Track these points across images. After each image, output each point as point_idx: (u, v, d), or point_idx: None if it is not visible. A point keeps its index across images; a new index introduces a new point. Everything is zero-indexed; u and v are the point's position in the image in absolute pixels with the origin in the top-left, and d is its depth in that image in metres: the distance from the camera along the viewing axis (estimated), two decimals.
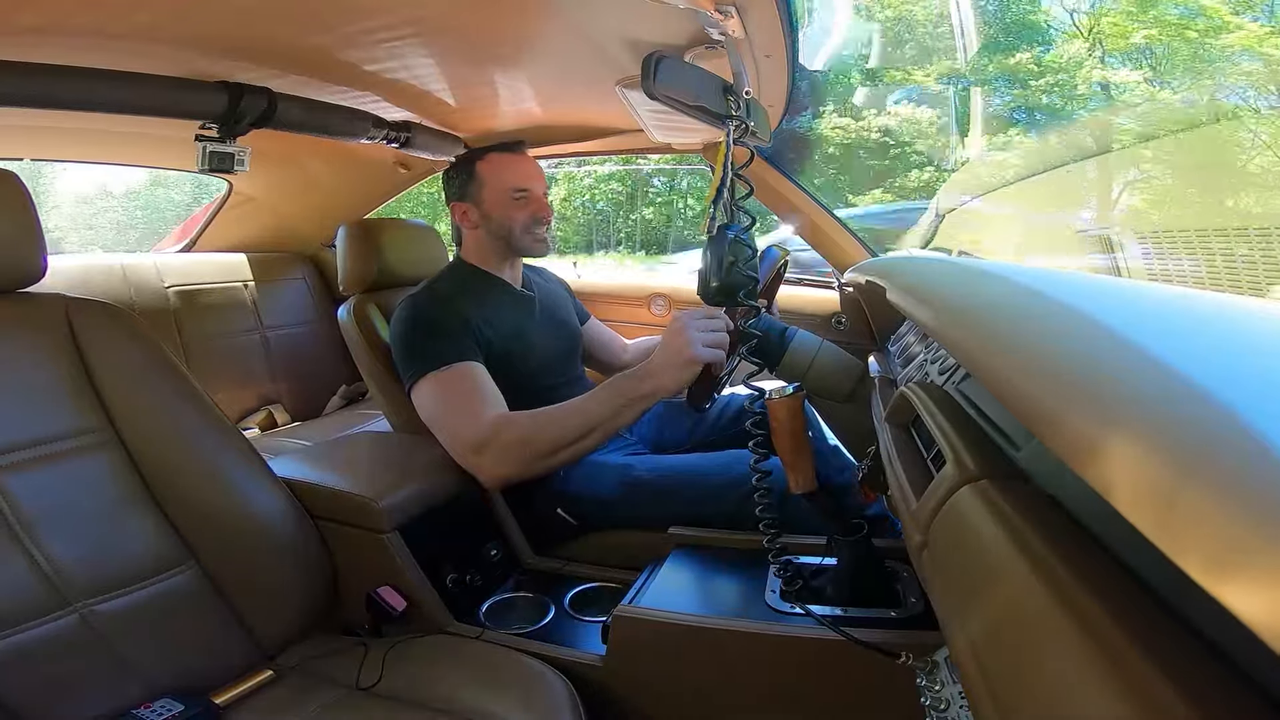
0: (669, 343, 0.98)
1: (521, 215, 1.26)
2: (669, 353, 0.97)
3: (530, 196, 1.26)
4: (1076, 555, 0.33)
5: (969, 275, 0.65)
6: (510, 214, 1.25)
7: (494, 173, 1.26)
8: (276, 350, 2.09)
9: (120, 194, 6.67)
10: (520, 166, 1.27)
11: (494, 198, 1.26)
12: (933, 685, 0.62)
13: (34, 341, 0.83)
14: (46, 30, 0.92)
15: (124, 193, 6.66)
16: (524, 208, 1.26)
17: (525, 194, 1.26)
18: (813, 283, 1.82)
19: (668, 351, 0.98)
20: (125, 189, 6.60)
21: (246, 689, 0.81)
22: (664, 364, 0.98)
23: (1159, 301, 0.51)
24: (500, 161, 1.26)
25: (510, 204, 1.25)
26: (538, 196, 1.27)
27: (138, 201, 6.75)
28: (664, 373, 0.98)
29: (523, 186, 1.26)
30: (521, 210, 1.26)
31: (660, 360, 0.98)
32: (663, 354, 0.98)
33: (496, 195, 1.25)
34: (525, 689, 0.80)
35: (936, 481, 0.48)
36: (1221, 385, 0.26)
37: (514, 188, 1.25)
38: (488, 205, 1.26)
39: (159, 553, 0.84)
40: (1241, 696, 0.24)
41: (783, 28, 0.88)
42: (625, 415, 1.02)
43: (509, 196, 1.25)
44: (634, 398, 1.01)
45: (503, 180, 1.25)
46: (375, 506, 0.96)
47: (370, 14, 0.93)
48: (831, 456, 1.27)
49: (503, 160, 1.27)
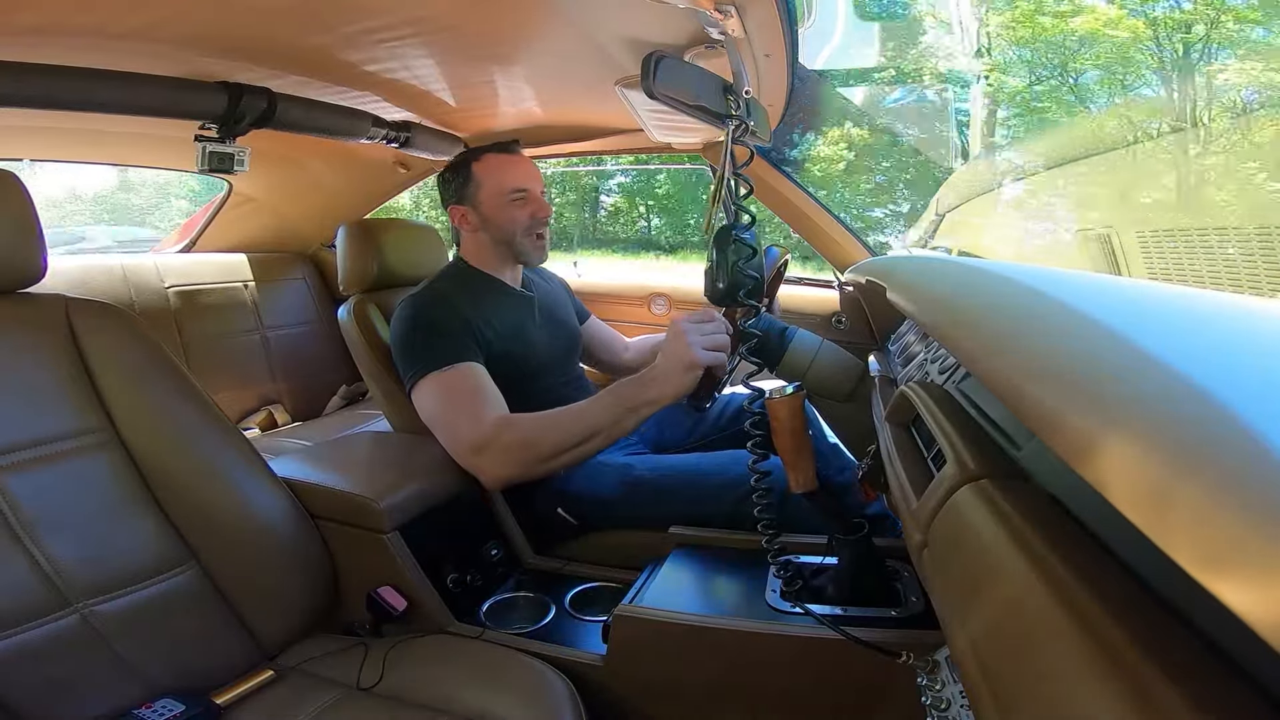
0: (670, 349, 0.98)
1: (521, 216, 1.25)
2: (671, 359, 0.98)
3: (529, 196, 1.26)
4: (1077, 554, 0.33)
5: (969, 275, 0.65)
6: (510, 215, 1.25)
7: (491, 174, 1.25)
8: (277, 350, 2.09)
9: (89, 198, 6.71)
10: (517, 167, 1.27)
11: (492, 200, 1.25)
12: (933, 684, 0.62)
13: (34, 342, 0.83)
14: (46, 30, 0.92)
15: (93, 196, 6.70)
16: (523, 208, 1.25)
17: (524, 194, 1.25)
18: (813, 282, 1.83)
19: (669, 358, 0.98)
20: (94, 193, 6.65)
21: (247, 689, 0.81)
22: (666, 370, 0.98)
23: (1159, 300, 0.51)
24: (496, 162, 1.26)
25: (508, 205, 1.25)
26: (536, 196, 1.26)
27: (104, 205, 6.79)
28: (667, 379, 0.98)
29: (521, 187, 1.25)
30: (520, 210, 1.25)
31: (663, 367, 0.99)
32: (665, 360, 0.99)
33: (494, 197, 1.25)
34: (526, 689, 0.80)
35: (937, 481, 0.48)
36: (1220, 385, 0.26)
37: (512, 189, 1.25)
38: (486, 208, 1.26)
39: (159, 553, 0.84)
40: (1241, 695, 0.24)
41: (782, 27, 0.88)
42: (628, 421, 1.02)
43: (507, 198, 1.25)
44: (637, 404, 1.01)
45: (500, 181, 1.25)
46: (375, 506, 0.96)
47: (370, 14, 0.93)
48: (832, 456, 1.27)
49: (499, 161, 1.26)
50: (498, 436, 1.06)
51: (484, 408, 1.09)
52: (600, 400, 1.05)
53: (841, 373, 1.12)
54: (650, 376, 1.00)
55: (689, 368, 0.96)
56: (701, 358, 0.96)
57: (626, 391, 1.02)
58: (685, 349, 0.96)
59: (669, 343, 0.99)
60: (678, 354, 0.97)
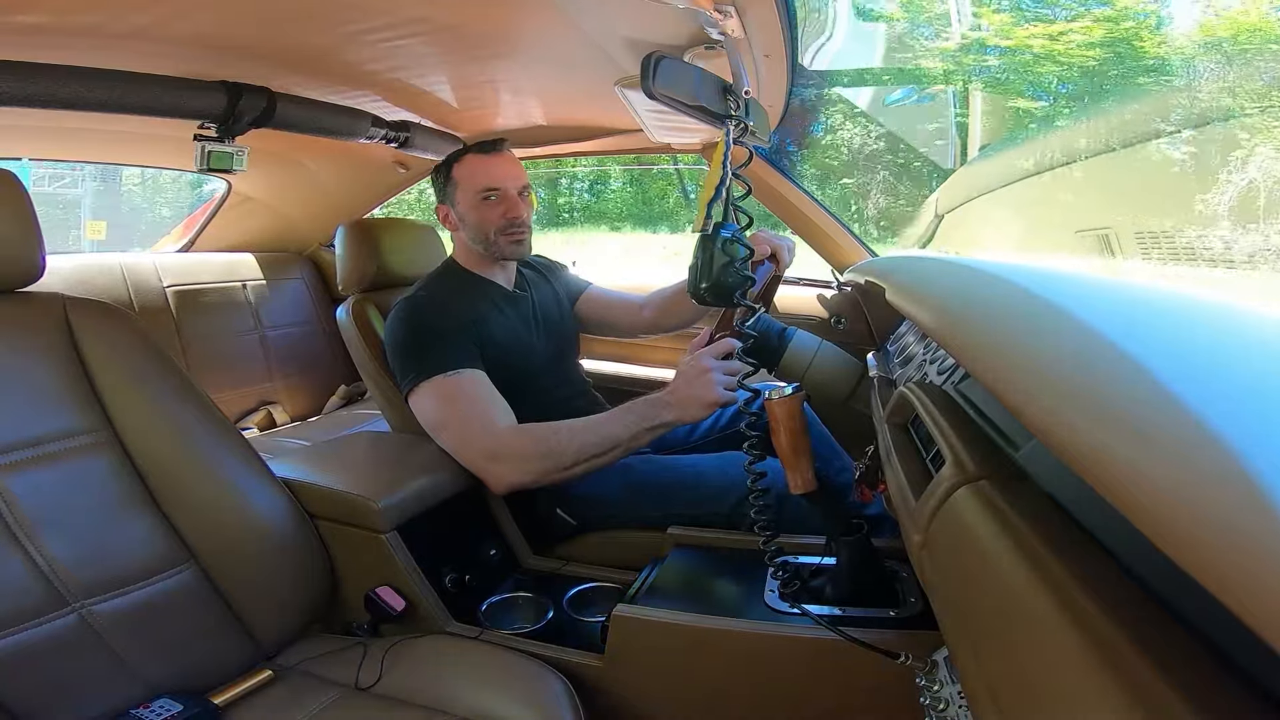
0: (692, 382, 1.02)
1: (492, 216, 1.24)
2: (693, 392, 1.01)
3: (501, 196, 1.24)
4: (1075, 555, 0.33)
5: (968, 275, 0.65)
6: (481, 215, 1.24)
7: (467, 174, 1.25)
8: (275, 350, 2.09)
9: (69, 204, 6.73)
10: (493, 167, 1.25)
11: (466, 199, 1.24)
12: (932, 685, 0.62)
13: (33, 341, 0.83)
14: (46, 30, 0.92)
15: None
16: (494, 208, 1.24)
17: (496, 193, 1.24)
18: (812, 283, 1.82)
19: (692, 390, 1.02)
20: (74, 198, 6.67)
21: (245, 689, 0.81)
22: (688, 401, 1.02)
23: (1158, 300, 0.51)
24: (473, 163, 1.25)
25: (480, 205, 1.24)
26: (509, 196, 1.24)
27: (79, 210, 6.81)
28: (686, 409, 1.02)
29: (493, 187, 1.23)
30: (492, 211, 1.24)
31: (684, 396, 1.02)
32: (686, 390, 1.02)
33: (468, 197, 1.24)
34: (524, 689, 0.80)
35: (936, 481, 0.48)
36: (1220, 384, 0.26)
37: (484, 188, 1.23)
38: (462, 207, 1.25)
39: (158, 552, 0.83)
40: (1240, 694, 0.24)
41: (782, 28, 0.88)
42: (644, 439, 1.06)
43: (479, 198, 1.24)
44: (655, 425, 1.05)
45: (474, 181, 1.24)
46: (374, 506, 0.96)
47: (370, 14, 0.93)
48: (831, 456, 1.27)
49: (476, 161, 1.25)
50: (515, 445, 1.07)
51: (495, 415, 1.10)
52: (619, 417, 1.07)
53: (841, 373, 1.12)
54: (669, 402, 1.04)
55: (709, 405, 1.01)
56: (723, 397, 1.00)
57: (646, 411, 1.05)
58: (710, 389, 1.00)
59: (691, 376, 1.02)
60: (700, 392, 1.01)
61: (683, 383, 1.03)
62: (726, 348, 1.02)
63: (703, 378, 1.01)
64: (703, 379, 1.01)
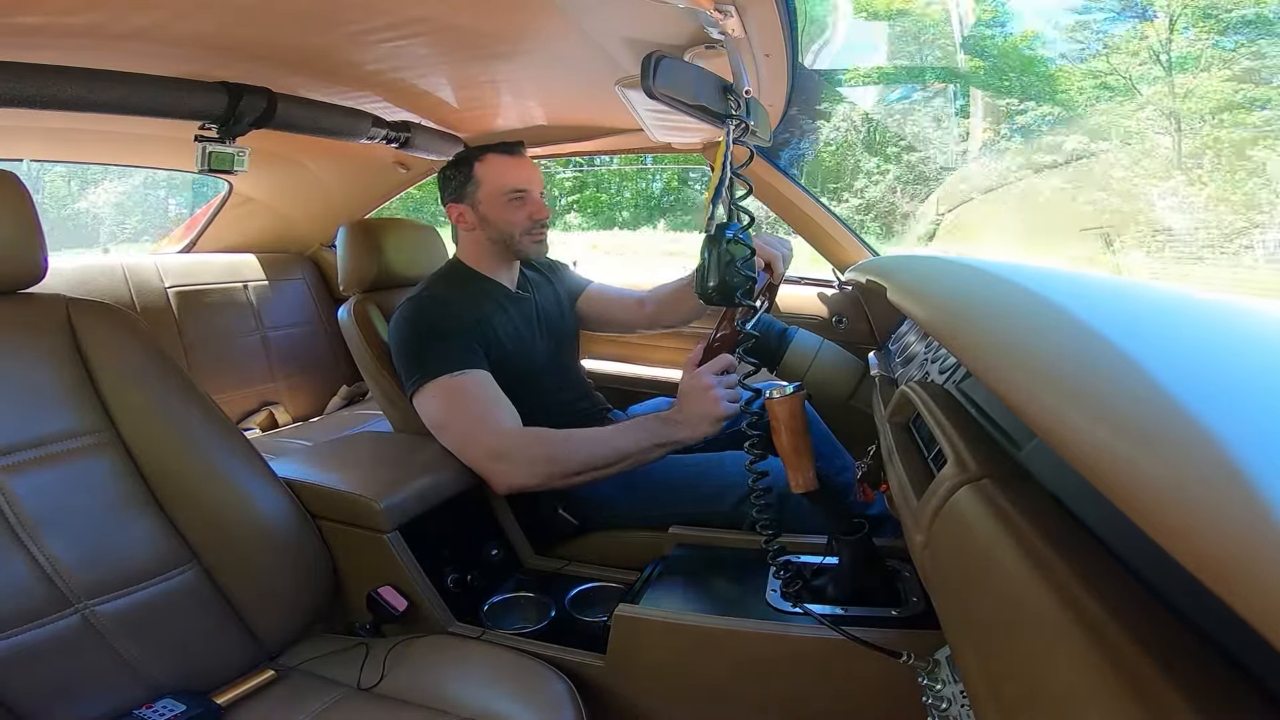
0: (698, 400, 1.03)
1: (519, 216, 1.25)
2: (701, 409, 1.03)
3: (528, 198, 1.25)
4: (1077, 554, 0.33)
5: (970, 274, 0.65)
6: (508, 216, 1.25)
7: (491, 174, 1.25)
8: (277, 350, 2.09)
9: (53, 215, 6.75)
10: (518, 168, 1.26)
11: (490, 199, 1.25)
12: (934, 684, 0.62)
13: (35, 342, 0.83)
14: (46, 30, 0.92)
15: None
16: (521, 209, 1.25)
17: (523, 195, 1.25)
18: (812, 282, 1.82)
19: (699, 408, 1.03)
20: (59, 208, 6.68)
21: (248, 689, 0.81)
22: (697, 419, 1.03)
23: (1160, 300, 0.51)
24: (498, 163, 1.26)
25: (507, 206, 1.25)
26: (535, 198, 1.26)
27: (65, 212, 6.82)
28: (695, 427, 1.04)
29: (520, 188, 1.25)
30: (518, 212, 1.25)
31: (692, 414, 1.04)
32: (693, 408, 1.04)
33: (493, 197, 1.25)
34: (526, 689, 0.80)
35: (937, 481, 0.48)
36: (1220, 384, 0.26)
37: (511, 189, 1.24)
38: (484, 207, 1.26)
39: (160, 553, 0.84)
40: (1242, 693, 0.24)
41: (782, 27, 0.88)
42: (652, 455, 1.07)
43: (506, 198, 1.24)
44: (664, 442, 1.06)
45: (500, 182, 1.25)
46: (376, 506, 0.96)
47: (370, 14, 0.93)
48: (832, 456, 1.27)
49: (500, 161, 1.26)
50: (523, 447, 1.08)
51: (502, 415, 1.10)
52: (628, 432, 1.08)
53: (842, 373, 1.12)
54: (678, 420, 1.05)
55: (717, 421, 1.03)
56: (729, 410, 1.02)
57: (656, 428, 1.06)
58: (715, 404, 1.02)
59: (694, 394, 1.04)
60: (707, 408, 1.02)
61: (688, 402, 1.04)
62: (724, 363, 1.04)
63: (707, 394, 1.02)
64: (707, 395, 1.02)
